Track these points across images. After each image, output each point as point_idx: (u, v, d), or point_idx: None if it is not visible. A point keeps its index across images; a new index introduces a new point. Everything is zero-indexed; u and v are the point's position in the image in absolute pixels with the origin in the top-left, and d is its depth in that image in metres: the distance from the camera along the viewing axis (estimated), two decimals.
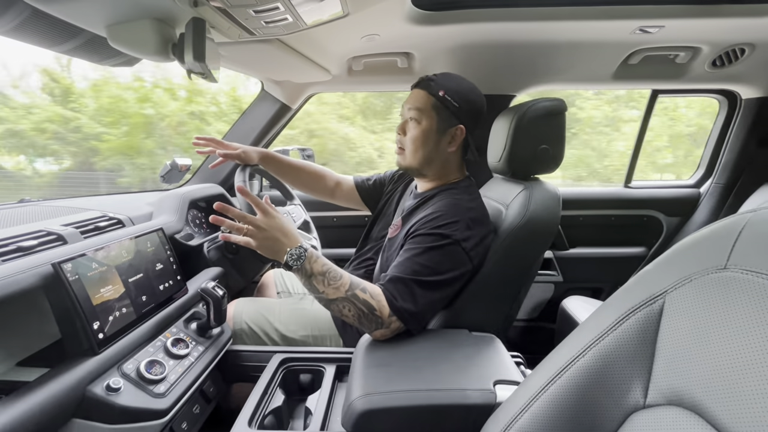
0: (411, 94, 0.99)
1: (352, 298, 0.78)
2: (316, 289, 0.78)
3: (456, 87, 0.94)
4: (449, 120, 0.94)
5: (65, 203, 1.08)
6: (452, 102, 0.92)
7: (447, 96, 0.92)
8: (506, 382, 0.69)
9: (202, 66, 0.72)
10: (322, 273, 0.78)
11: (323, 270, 0.78)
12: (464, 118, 0.94)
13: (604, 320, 0.41)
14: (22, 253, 0.71)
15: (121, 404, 0.64)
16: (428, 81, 0.95)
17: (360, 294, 0.79)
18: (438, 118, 0.94)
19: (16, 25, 0.66)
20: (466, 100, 0.94)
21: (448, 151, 0.96)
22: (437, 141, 0.95)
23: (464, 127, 0.94)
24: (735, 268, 0.33)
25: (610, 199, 1.80)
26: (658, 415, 0.36)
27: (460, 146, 0.97)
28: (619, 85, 1.57)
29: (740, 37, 1.30)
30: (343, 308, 0.79)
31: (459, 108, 0.93)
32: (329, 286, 0.78)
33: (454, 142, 0.96)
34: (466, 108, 0.94)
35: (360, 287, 0.80)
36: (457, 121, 0.94)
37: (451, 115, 0.94)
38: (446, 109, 0.93)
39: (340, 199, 1.34)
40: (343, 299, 0.78)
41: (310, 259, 0.78)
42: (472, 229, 0.87)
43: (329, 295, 0.78)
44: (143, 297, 0.80)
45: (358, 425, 0.64)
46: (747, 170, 1.71)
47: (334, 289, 0.78)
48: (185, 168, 1.37)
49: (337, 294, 0.78)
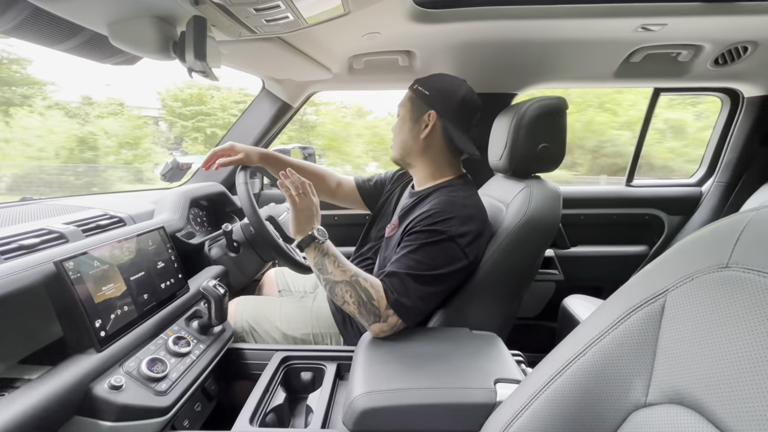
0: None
1: (355, 283, 0.84)
2: (327, 268, 0.86)
3: (431, 80, 1.01)
4: (421, 108, 0.99)
5: (67, 202, 1.08)
6: (423, 91, 0.99)
7: (419, 87, 1.00)
8: (507, 380, 0.69)
9: (203, 64, 0.72)
10: (335, 255, 0.87)
11: (336, 253, 0.88)
12: (434, 103, 0.98)
13: (605, 319, 0.41)
14: (24, 252, 0.71)
15: (123, 402, 0.64)
16: (414, 81, 1.03)
17: (362, 281, 0.84)
18: (411, 107, 1.01)
19: (17, 24, 0.66)
20: (436, 88, 0.98)
21: (421, 137, 0.99)
22: (411, 128, 1.01)
23: (435, 112, 0.97)
24: (736, 266, 0.33)
25: (611, 197, 1.79)
26: (659, 413, 0.36)
27: (438, 134, 0.99)
28: (620, 84, 1.57)
29: (743, 35, 1.29)
30: (345, 293, 0.84)
31: (429, 95, 0.98)
32: (338, 268, 0.85)
33: (426, 128, 0.99)
34: (436, 95, 0.98)
35: (362, 276, 0.86)
36: (428, 107, 0.98)
37: (422, 103, 0.99)
38: (418, 98, 1.00)
39: (341, 199, 1.35)
40: (347, 283, 0.84)
41: (328, 241, 0.89)
42: (468, 225, 0.88)
43: (336, 277, 0.85)
44: (145, 295, 0.80)
45: (359, 423, 0.64)
46: (749, 169, 1.70)
47: (341, 272, 0.85)
48: (186, 166, 1.37)
49: (343, 277, 0.84)
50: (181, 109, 8.88)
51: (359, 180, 1.33)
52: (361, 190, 1.32)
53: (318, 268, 0.87)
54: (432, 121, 0.97)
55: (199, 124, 8.78)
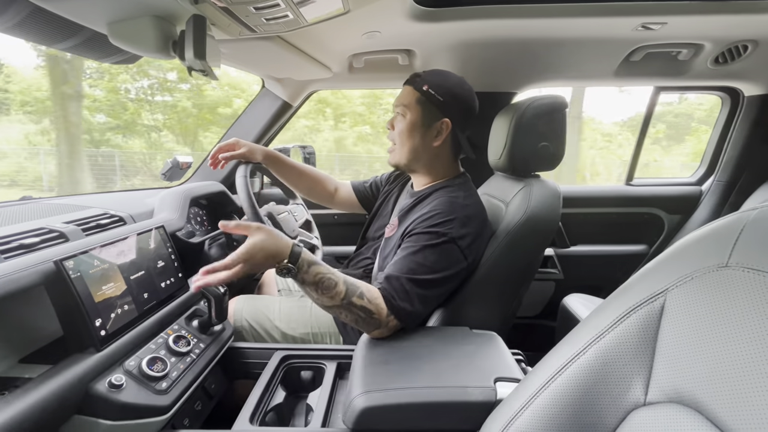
0: (401, 91, 1.01)
1: (348, 306, 0.77)
2: (313, 296, 0.78)
3: (441, 82, 0.96)
4: (434, 114, 0.95)
5: (67, 201, 1.08)
6: (436, 96, 0.94)
7: (431, 90, 0.94)
8: (507, 379, 0.69)
9: (203, 63, 0.72)
10: (315, 283, 0.76)
11: (315, 280, 0.76)
12: (449, 111, 0.95)
13: (604, 318, 0.41)
14: (24, 251, 0.71)
15: (123, 401, 0.64)
16: (415, 77, 0.98)
17: (357, 301, 0.78)
18: (423, 111, 0.96)
19: (17, 23, 0.66)
20: (450, 94, 0.95)
21: (434, 145, 0.97)
22: (423, 134, 0.97)
23: (450, 120, 0.95)
24: (736, 266, 0.33)
25: (611, 196, 1.79)
26: (659, 412, 0.36)
27: (448, 141, 0.98)
28: (621, 82, 1.56)
29: (743, 33, 1.29)
30: (340, 314, 0.79)
31: (443, 102, 0.94)
32: (323, 296, 0.77)
33: (440, 136, 0.96)
34: (451, 102, 0.95)
35: (357, 293, 0.78)
36: (442, 115, 0.95)
37: (436, 110, 0.95)
38: (431, 103, 0.95)
39: (339, 203, 1.35)
40: (338, 307, 0.78)
41: (301, 270, 0.75)
42: (468, 226, 0.88)
43: (325, 303, 0.78)
44: (145, 294, 0.80)
45: (359, 422, 0.64)
46: (749, 168, 1.70)
47: (329, 298, 0.77)
48: (186, 165, 1.37)
49: (333, 303, 0.77)
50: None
51: (356, 183, 1.34)
52: (358, 194, 1.32)
53: (307, 294, 0.80)
54: (447, 130, 0.96)
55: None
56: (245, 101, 4.49)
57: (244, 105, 1.64)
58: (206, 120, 9.20)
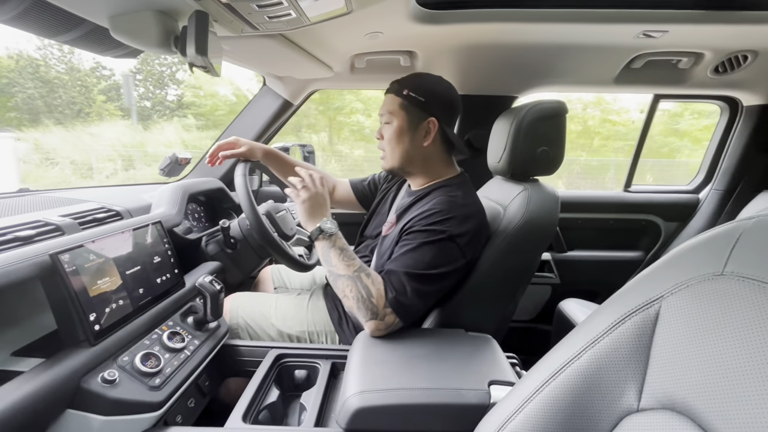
0: (383, 100, 1.02)
1: (356, 279, 0.84)
2: (331, 261, 0.87)
3: (419, 83, 0.97)
4: (419, 115, 0.96)
5: (64, 194, 1.07)
6: (417, 98, 0.95)
7: (411, 93, 0.96)
8: (501, 382, 0.69)
9: (204, 60, 0.72)
10: (342, 248, 0.88)
11: (343, 246, 0.89)
12: (433, 110, 0.96)
13: (600, 323, 0.42)
14: (20, 243, 0.71)
15: (116, 396, 0.63)
16: (394, 84, 1.00)
17: (364, 278, 0.85)
18: (407, 115, 0.97)
19: (18, 14, 0.66)
20: (431, 93, 0.96)
21: (424, 145, 0.98)
22: (412, 137, 0.98)
23: (435, 119, 0.96)
24: (732, 274, 0.33)
25: (609, 202, 1.80)
26: (651, 418, 0.36)
27: (438, 140, 0.99)
28: (621, 89, 1.57)
29: (743, 44, 1.30)
30: (346, 287, 0.84)
31: (425, 102, 0.95)
32: (342, 262, 0.86)
33: (428, 135, 0.97)
34: (433, 100, 0.96)
35: (366, 272, 0.86)
36: (427, 115, 0.96)
37: (420, 111, 0.96)
38: (414, 105, 0.96)
39: (338, 202, 1.35)
40: (349, 277, 0.85)
41: (337, 234, 0.90)
42: (467, 224, 0.88)
43: (339, 270, 0.86)
44: (140, 290, 0.80)
45: (352, 422, 0.64)
46: (746, 177, 1.71)
47: (345, 266, 0.86)
48: (185, 161, 1.37)
49: (346, 271, 0.85)
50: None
51: (354, 181, 1.34)
52: (356, 192, 1.33)
53: (324, 260, 0.89)
54: (434, 129, 0.97)
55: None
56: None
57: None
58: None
